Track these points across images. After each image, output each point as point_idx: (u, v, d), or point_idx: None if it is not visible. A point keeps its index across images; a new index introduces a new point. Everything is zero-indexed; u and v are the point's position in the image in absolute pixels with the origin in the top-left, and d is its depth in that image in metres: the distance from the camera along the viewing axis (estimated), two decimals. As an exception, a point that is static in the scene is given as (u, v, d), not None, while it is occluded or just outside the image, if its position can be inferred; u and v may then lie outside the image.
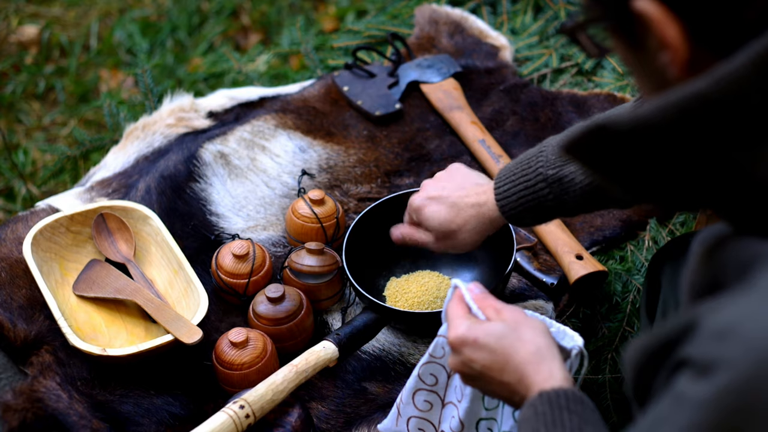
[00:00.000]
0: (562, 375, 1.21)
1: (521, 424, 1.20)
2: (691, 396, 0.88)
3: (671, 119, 0.93)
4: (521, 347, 1.23)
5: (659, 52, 0.95)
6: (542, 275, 1.83)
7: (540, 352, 1.23)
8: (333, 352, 1.63)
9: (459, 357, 1.29)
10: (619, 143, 0.97)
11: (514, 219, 1.55)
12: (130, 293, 1.77)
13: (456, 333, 1.28)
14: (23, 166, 2.66)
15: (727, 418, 0.86)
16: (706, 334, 0.90)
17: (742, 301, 0.89)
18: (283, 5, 3.14)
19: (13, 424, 1.56)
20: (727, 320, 0.88)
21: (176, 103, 2.15)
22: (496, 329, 1.26)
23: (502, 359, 1.24)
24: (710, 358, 0.87)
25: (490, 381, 1.26)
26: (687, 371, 0.90)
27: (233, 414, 1.51)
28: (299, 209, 1.88)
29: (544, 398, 1.18)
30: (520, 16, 2.44)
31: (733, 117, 0.92)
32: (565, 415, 1.15)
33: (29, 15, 3.20)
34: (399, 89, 2.22)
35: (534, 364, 1.22)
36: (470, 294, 1.33)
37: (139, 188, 1.96)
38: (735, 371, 0.85)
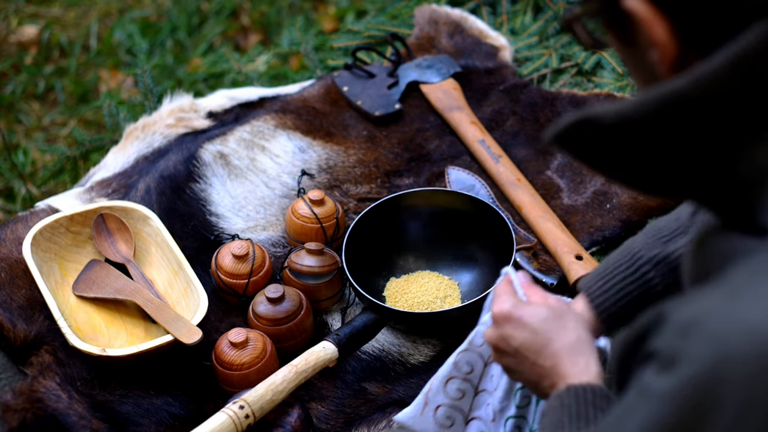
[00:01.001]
0: (596, 371, 1.21)
1: (546, 412, 1.21)
2: (654, 388, 0.91)
3: (651, 115, 0.96)
4: (563, 335, 1.24)
5: (649, 50, 0.98)
6: (542, 275, 1.83)
7: (580, 343, 1.23)
8: (333, 353, 1.63)
9: (498, 331, 1.29)
10: (602, 135, 0.99)
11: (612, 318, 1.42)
12: (129, 293, 1.77)
13: (501, 307, 1.29)
14: (23, 166, 2.66)
15: (688, 411, 0.88)
16: (671, 327, 0.92)
17: (708, 297, 0.92)
18: (283, 5, 3.14)
19: (12, 425, 1.56)
20: (691, 315, 0.90)
21: (176, 103, 2.15)
22: (541, 312, 1.27)
23: (542, 342, 1.24)
24: (674, 352, 0.90)
25: (523, 361, 1.27)
26: (653, 364, 0.93)
27: (233, 414, 1.51)
28: (299, 209, 1.88)
29: (571, 392, 1.19)
30: (519, 16, 2.44)
31: (712, 115, 0.94)
32: (590, 410, 1.16)
33: (29, 15, 3.20)
34: (399, 89, 2.22)
35: (572, 354, 1.22)
36: (519, 280, 1.34)
37: (139, 188, 1.96)
38: (696, 365, 0.87)
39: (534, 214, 1.94)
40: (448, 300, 1.80)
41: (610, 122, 0.98)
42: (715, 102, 0.94)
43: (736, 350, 0.86)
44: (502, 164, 2.02)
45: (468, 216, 1.86)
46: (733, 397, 0.86)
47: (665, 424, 0.90)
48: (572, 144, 1.02)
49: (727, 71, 0.92)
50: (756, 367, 0.85)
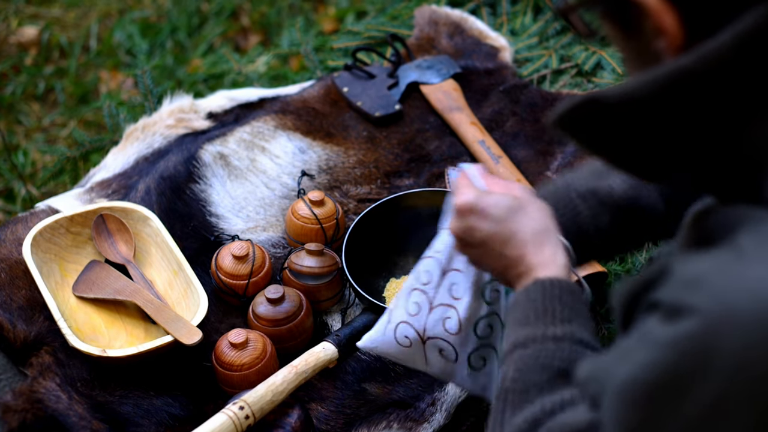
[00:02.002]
0: (559, 261, 1.21)
1: (512, 306, 1.21)
2: (655, 336, 0.93)
3: (657, 92, 0.97)
4: (527, 224, 1.23)
5: (655, 39, 0.99)
6: (542, 276, 1.82)
7: (544, 232, 1.23)
8: (333, 353, 1.63)
9: (463, 223, 1.27)
10: (607, 116, 1.00)
11: None
12: (129, 294, 1.77)
13: (464, 199, 1.27)
14: (23, 167, 2.66)
15: (684, 361, 0.90)
16: (677, 280, 0.94)
17: (715, 257, 0.94)
18: (283, 6, 3.14)
19: (12, 425, 1.56)
20: (698, 270, 0.93)
21: (176, 104, 2.15)
22: (506, 201, 1.25)
23: (507, 232, 1.24)
24: (676, 304, 0.92)
25: (489, 252, 1.26)
26: (656, 313, 0.94)
27: (233, 415, 1.51)
28: (299, 210, 1.88)
29: (538, 285, 1.19)
30: (519, 17, 2.44)
31: (716, 93, 0.96)
32: (556, 305, 1.17)
33: (29, 16, 3.20)
34: (399, 90, 2.22)
35: (537, 244, 1.22)
36: (477, 171, 1.32)
37: (139, 189, 1.96)
38: (699, 319, 0.89)
39: (534, 214, 1.93)
40: None
41: (614, 101, 0.99)
42: (720, 79, 0.95)
43: (738, 308, 0.88)
44: (502, 165, 2.02)
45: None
46: (729, 354, 0.88)
47: (660, 370, 0.91)
48: (575, 127, 1.03)
49: (733, 49, 0.94)
50: (755, 328, 0.87)
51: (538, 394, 1.12)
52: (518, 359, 1.15)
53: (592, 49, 2.30)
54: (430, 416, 1.65)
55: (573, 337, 1.15)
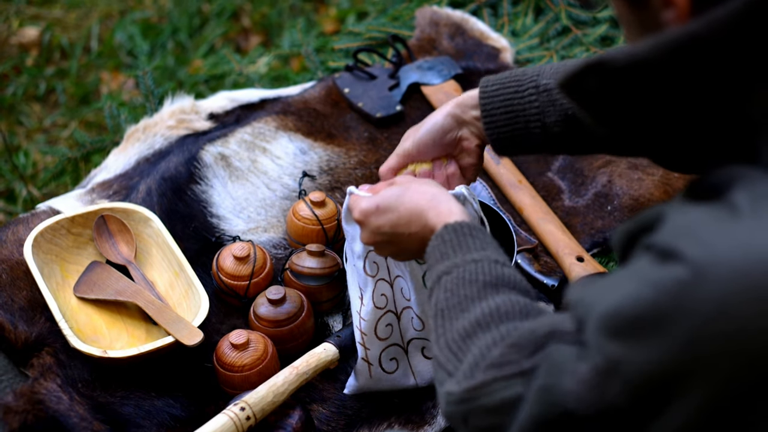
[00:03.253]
0: (459, 210, 1.31)
1: (429, 253, 1.28)
2: (644, 273, 0.97)
3: (665, 56, 0.99)
4: (419, 197, 1.34)
5: (662, 10, 1.00)
6: (543, 277, 1.83)
7: (435, 196, 1.33)
8: (334, 354, 1.63)
9: (368, 228, 1.39)
10: (614, 79, 1.02)
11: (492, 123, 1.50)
12: (131, 295, 1.77)
13: (359, 209, 1.40)
14: (24, 168, 2.66)
15: (665, 300, 0.94)
16: (670, 226, 0.98)
17: (709, 208, 0.97)
18: (284, 7, 3.14)
19: (13, 426, 1.56)
20: (691, 220, 0.97)
21: (177, 104, 2.15)
22: (392, 192, 1.37)
23: (405, 213, 1.34)
24: (669, 249, 0.95)
25: (401, 239, 1.36)
26: (649, 254, 0.99)
27: (234, 416, 1.51)
28: (300, 211, 1.88)
29: (449, 228, 1.28)
30: (520, 18, 2.44)
31: (723, 58, 0.98)
32: (470, 240, 1.26)
33: (30, 17, 3.20)
34: (400, 91, 2.22)
35: (433, 208, 1.32)
36: (362, 190, 1.44)
37: (140, 190, 1.96)
38: (686, 265, 0.93)
39: (535, 215, 1.94)
40: None
41: (623, 64, 1.01)
42: (727, 45, 0.97)
43: (725, 260, 0.92)
44: (503, 166, 2.02)
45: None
46: (708, 300, 0.92)
47: (642, 305, 0.96)
48: (581, 91, 1.05)
49: (741, 14, 0.96)
50: (738, 279, 0.91)
51: (471, 302, 1.19)
52: (446, 283, 1.23)
53: (593, 50, 2.30)
54: (431, 418, 1.65)
55: (490, 258, 1.24)
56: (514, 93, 1.50)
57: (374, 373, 1.57)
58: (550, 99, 1.48)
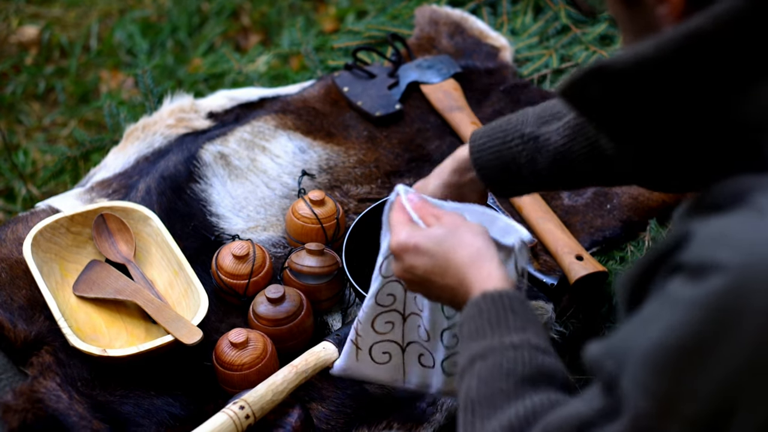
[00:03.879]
0: (500, 275, 1.22)
1: (465, 322, 1.20)
2: (680, 297, 0.91)
3: (667, 55, 0.96)
4: (460, 250, 1.25)
5: (657, 6, 0.98)
6: (542, 276, 1.83)
7: (479, 253, 1.24)
8: (333, 353, 1.63)
9: (401, 264, 1.31)
10: (617, 82, 0.99)
11: (486, 174, 1.52)
12: (130, 294, 1.77)
13: (397, 239, 1.30)
14: (23, 166, 2.66)
15: (715, 318, 0.88)
16: (700, 240, 0.92)
17: (737, 215, 0.92)
18: (284, 6, 3.14)
19: (13, 425, 1.56)
20: (721, 228, 0.91)
21: (176, 103, 2.15)
22: (436, 234, 1.28)
23: (443, 263, 1.26)
24: (703, 262, 0.90)
25: (432, 285, 1.28)
26: (680, 275, 0.92)
27: (233, 414, 1.51)
28: (299, 210, 1.88)
29: (487, 298, 1.19)
30: (520, 16, 2.44)
31: (728, 53, 0.95)
32: (509, 315, 1.17)
33: (29, 15, 3.20)
34: (399, 90, 2.22)
35: (474, 266, 1.23)
36: (410, 204, 1.34)
37: (140, 189, 1.96)
38: (727, 273, 0.88)
39: (534, 214, 1.94)
40: None
41: (625, 66, 0.98)
42: (731, 40, 0.94)
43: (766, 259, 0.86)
44: (502, 164, 2.02)
45: (468, 216, 1.86)
46: (761, 306, 0.86)
47: (690, 330, 0.89)
48: (583, 98, 1.02)
49: (746, 7, 0.93)
50: None
51: (506, 400, 1.11)
52: (480, 370, 1.15)
53: (593, 49, 2.30)
54: (431, 416, 1.65)
55: (530, 343, 1.15)
56: (502, 144, 1.50)
57: (361, 358, 1.52)
58: (537, 146, 1.48)
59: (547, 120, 1.48)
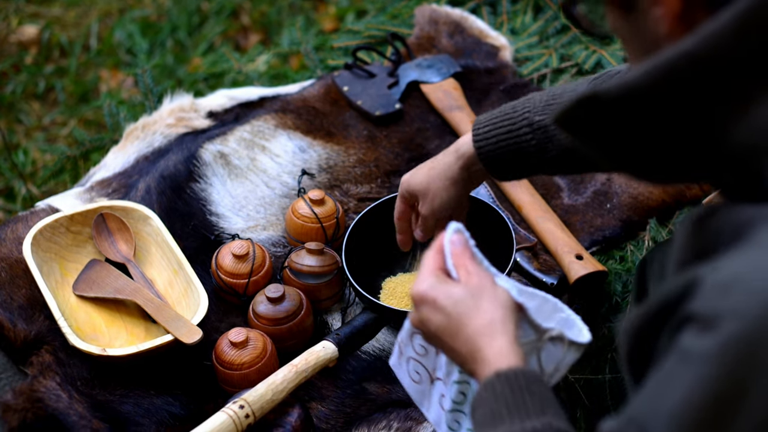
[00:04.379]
0: (512, 351, 1.16)
1: (478, 402, 1.16)
2: (696, 351, 0.88)
3: (659, 81, 0.94)
4: (476, 317, 1.20)
5: (652, 8, 0.96)
6: (542, 275, 1.83)
7: (493, 324, 1.19)
8: (333, 352, 1.63)
9: (418, 314, 1.27)
10: (609, 111, 0.97)
11: (491, 163, 1.51)
12: (130, 293, 1.77)
13: (418, 288, 1.26)
14: (23, 166, 2.66)
15: (735, 369, 0.85)
16: (709, 288, 0.89)
17: (743, 256, 0.89)
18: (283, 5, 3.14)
19: (13, 424, 1.56)
20: (730, 274, 0.88)
21: (176, 103, 2.15)
22: (456, 293, 1.23)
23: (455, 325, 1.21)
24: (715, 311, 0.87)
25: (443, 344, 1.25)
26: (691, 327, 0.89)
27: (233, 414, 1.51)
28: (299, 209, 1.88)
29: (502, 379, 1.14)
30: (520, 16, 2.44)
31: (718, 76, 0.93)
32: (527, 397, 1.12)
33: (29, 15, 3.20)
34: (399, 89, 2.22)
35: (486, 336, 1.18)
36: (451, 247, 1.29)
37: (139, 188, 1.96)
38: (740, 320, 0.85)
39: (534, 213, 1.94)
40: None
41: (616, 95, 0.96)
42: (721, 62, 0.92)
43: None
44: (502, 164, 2.02)
45: (468, 215, 1.86)
46: None
47: (714, 386, 0.87)
48: (577, 125, 1.00)
49: (735, 29, 0.91)
50: None
51: None
52: None
53: (592, 48, 2.30)
54: (431, 415, 1.65)
55: (552, 427, 1.10)
56: (508, 133, 1.50)
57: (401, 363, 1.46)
58: (547, 136, 1.48)
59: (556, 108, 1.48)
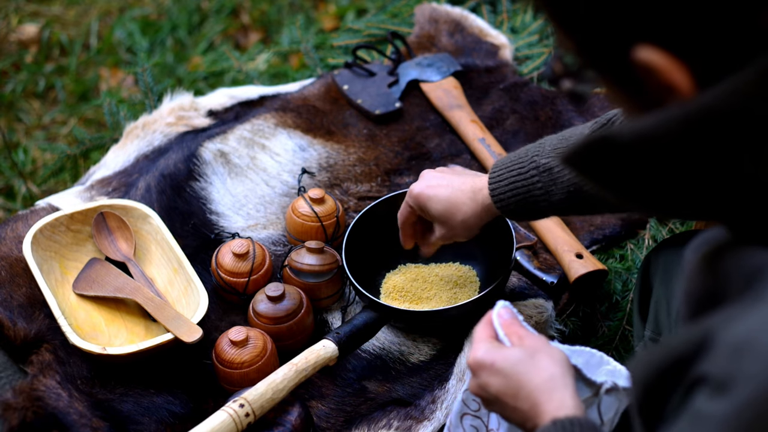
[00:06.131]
0: (573, 404, 1.21)
1: None
2: (710, 414, 0.87)
3: (675, 132, 0.92)
4: (535, 374, 1.24)
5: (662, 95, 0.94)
6: (542, 274, 1.82)
7: (553, 380, 1.23)
8: (333, 351, 1.63)
9: (476, 380, 1.30)
10: (620, 155, 0.96)
11: (504, 207, 1.57)
12: (130, 292, 1.77)
13: (474, 356, 1.30)
14: (23, 164, 2.66)
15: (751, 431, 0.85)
16: (722, 349, 0.89)
17: (755, 314, 0.88)
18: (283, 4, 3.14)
19: (13, 423, 1.56)
20: (744, 334, 0.88)
21: (176, 101, 2.15)
22: (513, 355, 1.27)
23: (516, 385, 1.25)
24: (728, 374, 0.86)
25: (504, 406, 1.27)
26: (704, 389, 0.89)
27: (233, 413, 1.51)
28: (299, 208, 1.88)
29: (558, 426, 1.18)
30: (519, 14, 2.44)
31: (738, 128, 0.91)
32: None
33: (29, 14, 3.20)
34: (399, 88, 2.22)
35: (547, 392, 1.22)
36: (499, 320, 1.34)
37: (139, 187, 1.96)
38: (754, 385, 0.84)
39: (534, 212, 1.93)
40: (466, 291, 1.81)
41: (628, 140, 0.94)
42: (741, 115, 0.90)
43: None
44: (502, 163, 2.02)
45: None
46: None
47: None
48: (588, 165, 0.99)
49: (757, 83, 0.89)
50: None
51: None
52: None
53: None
54: (431, 414, 1.65)
55: None
56: (518, 176, 1.55)
57: None
58: (552, 178, 1.52)
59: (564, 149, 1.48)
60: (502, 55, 2.30)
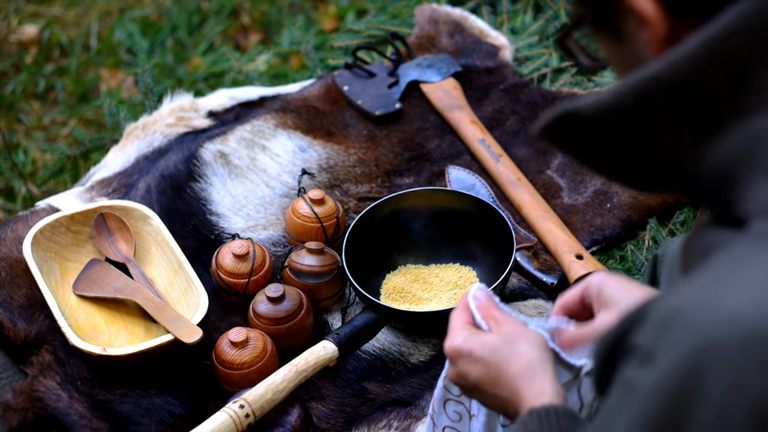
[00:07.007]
0: (552, 390, 1.19)
1: None
2: (638, 383, 0.89)
3: (628, 102, 0.96)
4: (514, 361, 1.22)
5: (638, 32, 0.97)
6: (542, 275, 1.83)
7: (532, 366, 1.21)
8: (333, 352, 1.63)
9: (455, 368, 1.28)
10: (583, 127, 0.99)
11: None
12: (130, 293, 1.77)
13: (452, 344, 1.28)
14: (23, 165, 2.66)
15: (673, 404, 0.87)
16: (652, 320, 0.91)
17: (686, 288, 0.90)
18: (283, 5, 3.14)
19: (13, 424, 1.56)
20: (670, 307, 0.90)
21: (176, 102, 2.15)
22: (491, 341, 1.25)
23: (495, 373, 1.23)
24: (654, 344, 0.89)
25: (484, 393, 1.26)
26: (634, 359, 0.91)
27: (233, 413, 1.51)
28: (299, 209, 1.88)
29: (533, 416, 1.17)
30: (520, 15, 2.44)
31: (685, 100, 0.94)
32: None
33: (29, 14, 3.20)
34: (399, 89, 2.22)
35: (526, 378, 1.21)
36: (476, 302, 1.31)
37: (139, 188, 1.96)
38: (676, 355, 0.86)
39: (534, 213, 1.94)
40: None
41: (589, 112, 0.98)
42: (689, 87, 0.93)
43: (717, 339, 0.85)
44: (502, 163, 2.02)
45: (468, 215, 1.86)
46: (718, 386, 0.85)
47: (652, 419, 0.88)
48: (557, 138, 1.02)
49: (702, 55, 0.92)
50: (739, 355, 0.84)
51: None
52: None
53: (593, 48, 2.30)
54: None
55: None
56: None
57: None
58: None
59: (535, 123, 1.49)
60: (502, 56, 2.30)
